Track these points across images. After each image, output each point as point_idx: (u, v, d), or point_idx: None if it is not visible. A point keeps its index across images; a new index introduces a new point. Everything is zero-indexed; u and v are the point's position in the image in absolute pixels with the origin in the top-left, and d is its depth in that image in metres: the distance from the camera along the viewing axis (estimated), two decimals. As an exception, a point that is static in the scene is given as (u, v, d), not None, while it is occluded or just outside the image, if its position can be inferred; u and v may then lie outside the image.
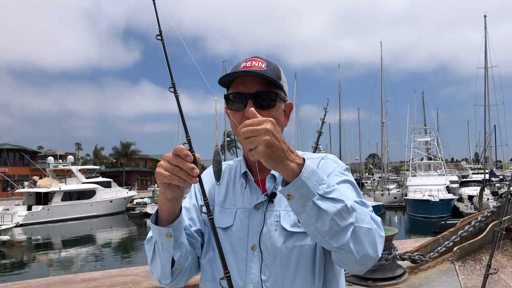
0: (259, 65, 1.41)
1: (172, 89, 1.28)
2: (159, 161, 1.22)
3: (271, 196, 1.39)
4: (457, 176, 54.26)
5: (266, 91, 1.39)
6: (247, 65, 1.41)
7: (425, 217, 33.72)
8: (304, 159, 1.15)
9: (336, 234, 1.12)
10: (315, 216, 1.11)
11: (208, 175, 1.53)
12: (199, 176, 1.17)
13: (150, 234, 1.35)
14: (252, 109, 1.13)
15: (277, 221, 1.36)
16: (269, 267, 1.33)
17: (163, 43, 1.31)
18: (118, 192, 46.23)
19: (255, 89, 1.38)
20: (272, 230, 1.34)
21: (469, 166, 70.69)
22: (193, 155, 1.16)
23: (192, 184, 1.28)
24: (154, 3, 1.33)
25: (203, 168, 1.33)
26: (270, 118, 1.11)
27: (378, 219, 1.24)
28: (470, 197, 37.04)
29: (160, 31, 1.31)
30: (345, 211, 1.12)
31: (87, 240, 30.28)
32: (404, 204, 40.85)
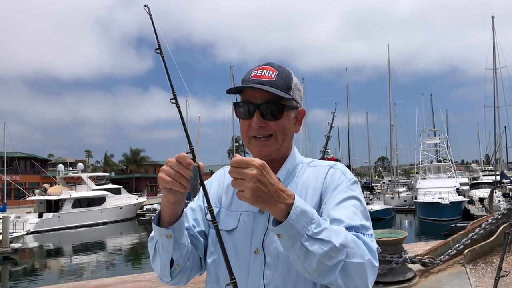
0: (269, 75, 1.40)
1: (173, 101, 1.30)
2: None
3: None
4: (468, 178, 53.75)
5: (273, 103, 1.39)
6: (257, 74, 1.41)
7: (435, 220, 33.43)
8: (294, 198, 1.15)
9: (324, 272, 1.15)
10: (303, 256, 1.14)
11: (216, 178, 1.57)
12: (202, 184, 1.19)
13: (152, 233, 1.38)
14: (236, 155, 1.14)
15: None
16: (271, 271, 1.33)
17: (162, 57, 1.34)
18: (128, 199, 46.41)
19: (263, 99, 1.39)
20: (275, 235, 1.32)
21: (480, 168, 69.99)
22: (197, 164, 1.17)
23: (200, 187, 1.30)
24: (151, 18, 1.35)
25: (210, 173, 1.35)
26: (258, 161, 1.11)
27: (375, 246, 1.25)
28: (481, 199, 36.69)
29: (159, 44, 1.33)
30: (334, 251, 1.14)
31: (98, 246, 30.40)
32: (414, 207, 40.60)
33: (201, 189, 1.23)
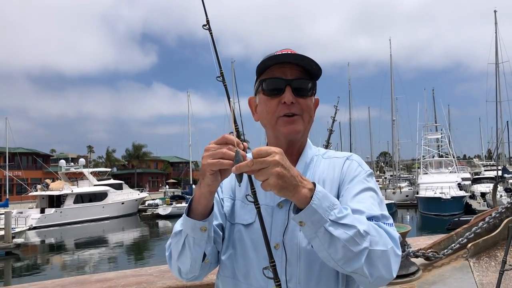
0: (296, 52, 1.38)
1: (220, 79, 1.28)
2: (170, 162, 1.20)
3: None
4: (470, 173, 53.68)
5: (304, 79, 1.37)
6: (283, 53, 1.37)
7: (437, 215, 33.46)
8: (314, 184, 1.14)
9: (350, 259, 1.13)
10: (327, 243, 1.12)
11: None
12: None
13: (178, 227, 1.31)
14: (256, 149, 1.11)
15: None
16: (293, 267, 1.29)
17: (211, 33, 1.31)
18: (129, 194, 46.50)
19: (293, 76, 1.36)
20: (296, 230, 1.30)
21: (482, 163, 69.92)
22: (243, 143, 1.15)
23: None
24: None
25: None
26: (278, 149, 1.10)
27: (396, 235, 1.23)
28: (483, 194, 36.67)
29: (207, 20, 1.31)
30: (358, 237, 1.12)
31: (100, 242, 30.50)
32: (415, 202, 40.59)
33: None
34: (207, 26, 1.31)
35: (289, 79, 1.36)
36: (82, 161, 47.25)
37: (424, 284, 3.86)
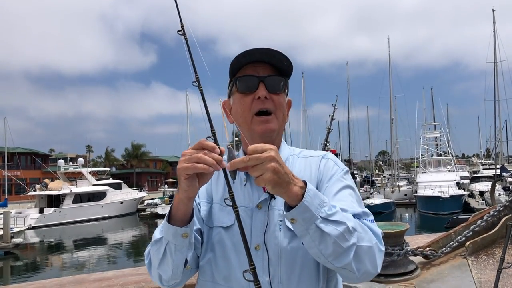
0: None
1: (196, 83, 1.29)
2: (169, 162, 1.20)
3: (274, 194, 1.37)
4: (468, 172, 53.77)
5: (277, 76, 1.42)
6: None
7: (435, 214, 33.54)
8: (305, 182, 1.16)
9: (339, 255, 1.16)
10: (318, 239, 1.14)
11: None
12: (224, 169, 1.16)
13: (157, 235, 1.32)
14: (251, 146, 1.12)
15: (281, 221, 1.34)
16: (275, 267, 1.30)
17: (185, 38, 1.33)
18: (128, 194, 46.48)
19: (266, 73, 1.41)
20: (277, 230, 1.33)
21: (480, 161, 70.03)
22: (219, 148, 1.15)
23: None
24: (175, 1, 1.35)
25: None
26: (273, 146, 1.12)
27: (379, 231, 1.27)
28: (481, 193, 36.73)
29: (182, 25, 1.33)
30: (347, 233, 1.16)
31: (98, 241, 30.49)
32: (414, 201, 40.67)
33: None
34: (182, 31, 1.32)
35: (262, 76, 1.40)
36: (81, 160, 47.21)
37: (423, 283, 3.86)
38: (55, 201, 39.32)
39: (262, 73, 1.40)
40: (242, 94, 1.43)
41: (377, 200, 39.95)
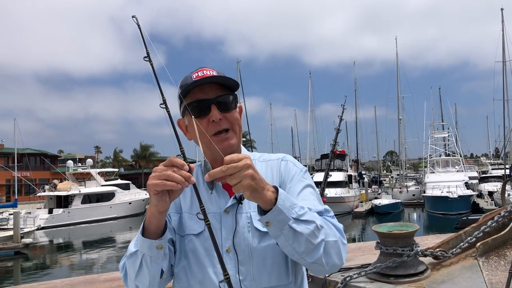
0: (211, 73, 1.47)
1: (163, 105, 1.33)
2: None
3: (240, 199, 1.43)
4: (477, 172, 53.37)
5: (226, 95, 1.47)
6: (199, 74, 1.46)
7: (444, 214, 33.31)
8: (275, 187, 1.25)
9: (311, 251, 1.27)
10: (292, 238, 1.25)
11: None
12: (194, 184, 1.22)
13: (132, 249, 1.37)
14: (227, 156, 1.19)
15: (249, 223, 1.42)
16: (246, 266, 1.39)
17: (151, 64, 1.37)
18: (136, 194, 46.65)
19: (214, 94, 1.45)
20: (246, 232, 1.41)
21: (489, 161, 69.46)
22: (188, 165, 1.22)
23: None
24: (139, 28, 1.38)
25: None
26: (247, 155, 1.22)
27: (341, 226, 1.39)
28: (490, 193, 36.45)
29: (147, 52, 1.36)
30: (316, 230, 1.27)
31: (107, 241, 30.63)
32: (422, 201, 40.44)
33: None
34: (148, 58, 1.36)
35: (212, 98, 1.44)
36: (89, 161, 47.47)
37: (433, 283, 3.85)
38: (64, 201, 39.56)
39: (211, 94, 1.45)
40: (196, 119, 1.44)
41: (385, 200, 39.81)
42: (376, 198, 43.99)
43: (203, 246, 1.42)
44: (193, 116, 1.37)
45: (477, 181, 44.04)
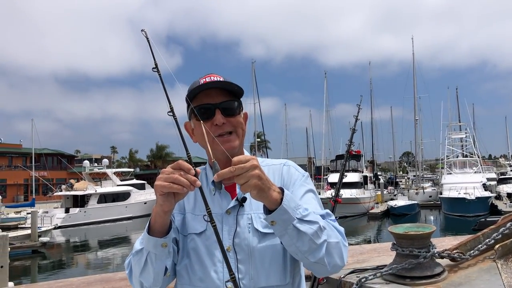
0: (217, 79, 1.52)
1: (171, 113, 1.38)
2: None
3: (242, 201, 1.49)
4: (495, 173, 52.54)
5: (230, 100, 1.53)
6: (206, 80, 1.52)
7: (461, 216, 32.84)
8: (281, 188, 1.30)
9: (314, 251, 1.33)
10: (296, 237, 1.30)
11: None
12: (200, 187, 1.27)
13: (138, 246, 1.43)
14: (236, 158, 1.24)
15: (249, 224, 1.48)
16: (245, 265, 1.44)
17: (159, 74, 1.42)
18: (152, 194, 46.78)
19: (219, 99, 1.51)
20: (246, 232, 1.47)
21: (508, 162, 68.36)
22: (194, 169, 1.27)
23: None
24: (148, 41, 1.41)
25: None
26: (254, 156, 1.29)
27: (342, 229, 1.45)
28: (509, 195, 35.88)
29: (155, 63, 1.41)
30: (320, 230, 1.33)
31: (123, 241, 30.91)
32: (439, 202, 39.97)
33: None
34: (156, 68, 1.41)
35: (217, 103, 1.51)
36: (105, 161, 47.97)
37: (450, 286, 3.79)
38: (80, 201, 40.03)
39: (217, 99, 1.51)
40: (200, 122, 1.50)
41: (401, 201, 39.46)
42: (392, 199, 43.67)
43: (205, 245, 1.48)
44: (201, 121, 1.44)
45: (495, 182, 43.38)
